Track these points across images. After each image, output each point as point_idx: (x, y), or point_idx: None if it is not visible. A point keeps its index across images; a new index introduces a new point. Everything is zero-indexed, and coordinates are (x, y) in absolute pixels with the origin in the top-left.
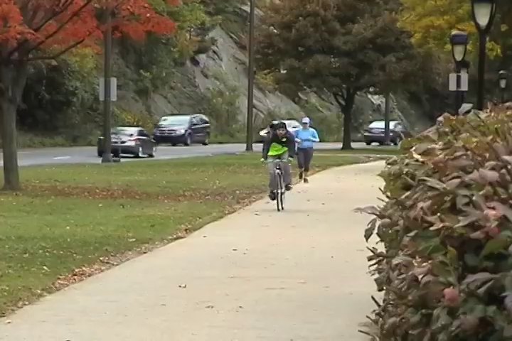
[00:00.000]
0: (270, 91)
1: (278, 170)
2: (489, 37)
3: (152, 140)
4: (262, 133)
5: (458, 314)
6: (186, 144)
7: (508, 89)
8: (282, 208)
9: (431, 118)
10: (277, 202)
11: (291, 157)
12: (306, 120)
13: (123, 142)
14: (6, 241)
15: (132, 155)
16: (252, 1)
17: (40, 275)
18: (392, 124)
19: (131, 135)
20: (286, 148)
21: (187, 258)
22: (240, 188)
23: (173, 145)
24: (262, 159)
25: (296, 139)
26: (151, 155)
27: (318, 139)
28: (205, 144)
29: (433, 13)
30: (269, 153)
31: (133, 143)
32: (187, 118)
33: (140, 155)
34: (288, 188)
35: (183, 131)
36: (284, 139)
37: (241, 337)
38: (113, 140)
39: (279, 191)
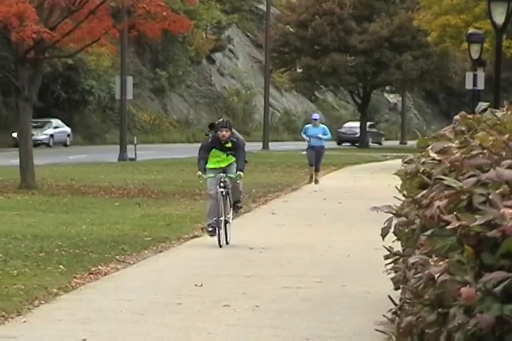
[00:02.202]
0: (286, 89)
1: (222, 190)
2: (506, 35)
3: (380, 132)
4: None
5: (474, 313)
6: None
7: None
8: (227, 242)
9: (447, 116)
10: (218, 234)
11: (241, 170)
12: (316, 116)
13: (353, 133)
14: (22, 240)
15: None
16: None
17: (56, 274)
18: (367, 125)
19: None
20: (232, 158)
21: (203, 257)
22: (255, 187)
23: (352, 145)
24: (199, 173)
25: (304, 136)
26: (379, 144)
27: (329, 136)
28: (380, 144)
29: (449, 12)
30: (209, 165)
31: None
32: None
33: (370, 143)
34: (237, 208)
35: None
36: (229, 144)
37: (257, 335)
38: (346, 131)
39: (223, 218)
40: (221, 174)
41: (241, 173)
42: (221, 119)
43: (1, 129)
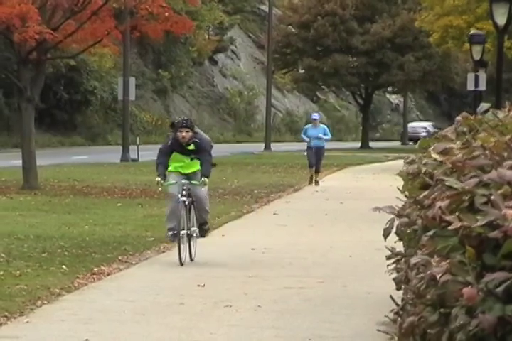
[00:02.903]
0: (288, 90)
1: (184, 199)
2: (507, 36)
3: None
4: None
5: (476, 313)
6: None
7: None
8: (191, 259)
9: (449, 117)
10: (179, 250)
11: (206, 176)
12: (316, 116)
13: (418, 133)
14: (24, 240)
15: None
16: (271, 0)
17: (58, 274)
18: (430, 125)
19: (425, 128)
20: (197, 162)
21: (205, 258)
22: (258, 188)
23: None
24: (158, 179)
25: (303, 137)
26: None
27: (330, 136)
28: None
29: (451, 13)
30: (171, 169)
31: (426, 134)
32: (426, 124)
33: None
34: (203, 232)
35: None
36: (192, 147)
37: (259, 336)
38: (411, 131)
39: (186, 232)
40: (184, 181)
41: (206, 180)
42: (181, 118)
43: (3, 130)
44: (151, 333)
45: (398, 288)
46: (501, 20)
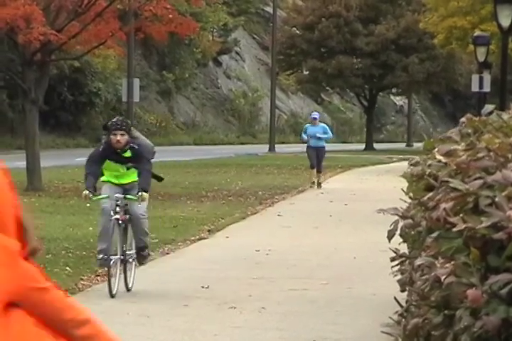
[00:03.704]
0: (293, 92)
1: (118, 216)
2: None
3: None
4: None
5: (481, 315)
6: None
7: None
8: (128, 289)
9: (453, 119)
10: (109, 279)
11: (145, 190)
12: (316, 114)
13: None
14: None
15: None
16: (275, 2)
17: (63, 276)
18: None
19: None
20: (135, 172)
21: (210, 259)
22: (262, 189)
23: None
24: (86, 192)
25: (303, 136)
26: None
27: (330, 135)
28: None
29: (456, 14)
30: (104, 179)
31: None
32: None
33: None
34: (142, 258)
35: None
36: (128, 153)
37: (263, 337)
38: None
39: (120, 257)
40: (118, 195)
41: (144, 194)
42: (115, 119)
43: (7, 132)
44: (156, 335)
45: (402, 290)
46: (506, 21)
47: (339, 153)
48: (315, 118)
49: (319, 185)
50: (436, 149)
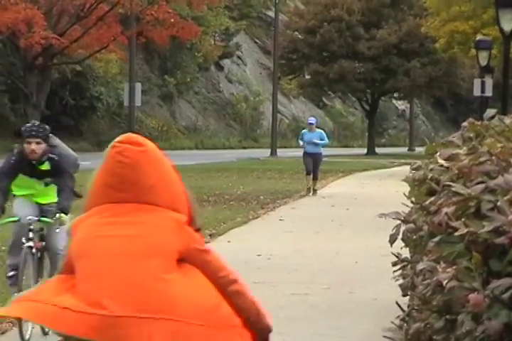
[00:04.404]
0: (294, 96)
1: (31, 244)
2: None
3: None
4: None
5: (482, 319)
6: None
7: None
8: (45, 333)
9: (455, 123)
10: (20, 324)
11: (64, 211)
12: (312, 120)
13: None
14: None
15: None
16: (277, 6)
17: None
18: None
19: None
20: (53, 188)
21: None
22: (264, 193)
23: None
24: None
25: (300, 142)
26: None
27: (327, 141)
28: None
29: (458, 19)
30: (18, 193)
31: None
32: None
33: None
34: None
35: None
36: (46, 166)
37: None
38: None
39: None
40: (30, 217)
41: (63, 216)
42: (30, 123)
43: (9, 136)
44: None
45: (404, 294)
46: (508, 26)
47: (341, 157)
48: (312, 124)
49: (315, 191)
50: (438, 153)
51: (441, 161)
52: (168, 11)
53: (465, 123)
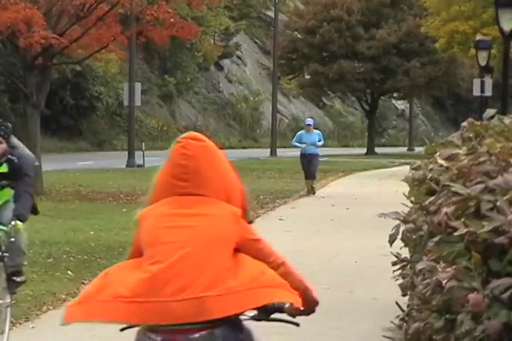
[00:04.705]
0: (294, 96)
1: None
2: None
3: None
4: None
5: (482, 319)
6: None
7: None
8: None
9: (455, 123)
10: None
11: (20, 218)
12: (310, 121)
13: None
14: (30, 245)
15: None
16: (276, 6)
17: (64, 280)
18: None
19: None
20: (10, 193)
21: None
22: (263, 193)
23: None
24: None
25: (296, 144)
26: None
27: (323, 142)
28: None
29: (457, 18)
30: None
31: None
32: None
33: None
34: (13, 285)
35: None
36: (3, 168)
37: None
38: None
39: None
40: None
41: (19, 224)
42: None
43: None
44: None
45: (404, 294)
46: (507, 25)
47: (340, 157)
48: (309, 125)
49: (313, 189)
50: (437, 153)
51: (440, 161)
52: (168, 10)
53: (464, 123)
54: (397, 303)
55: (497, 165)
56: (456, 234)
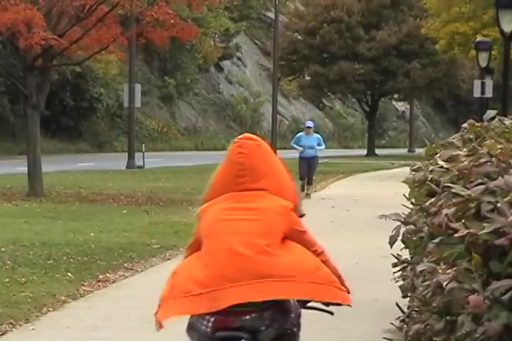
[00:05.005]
0: (294, 97)
1: None
2: None
3: None
4: None
5: (482, 321)
6: None
7: None
8: None
9: (455, 124)
10: None
11: None
12: (310, 124)
13: None
14: (30, 247)
15: None
16: (277, 7)
17: (64, 281)
18: None
19: None
20: None
21: None
22: None
23: None
24: None
25: (294, 145)
26: None
27: (324, 147)
28: None
29: (458, 20)
30: None
31: None
32: None
33: None
34: None
35: None
36: None
37: None
38: None
39: None
40: None
41: None
42: None
43: (9, 137)
44: (158, 340)
45: (404, 296)
46: (508, 27)
47: (341, 158)
48: (309, 127)
49: (308, 195)
50: (438, 155)
51: (441, 162)
52: (168, 12)
53: (465, 125)
54: (397, 305)
55: (497, 166)
56: (456, 235)
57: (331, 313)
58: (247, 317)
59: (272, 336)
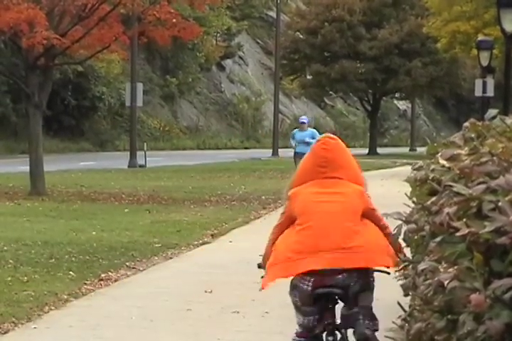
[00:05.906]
0: (296, 96)
1: None
2: None
3: None
4: None
5: (484, 319)
6: None
7: None
8: None
9: (457, 123)
10: None
11: None
12: (304, 119)
13: None
14: (32, 246)
15: None
16: (278, 6)
17: (66, 280)
18: None
19: None
20: None
21: (213, 264)
22: (265, 193)
23: None
24: None
25: (292, 143)
26: None
27: (315, 140)
28: None
29: (459, 19)
30: None
31: None
32: None
33: None
34: None
35: None
36: None
37: None
38: None
39: None
40: None
41: None
42: None
43: (11, 136)
44: (159, 339)
45: (406, 295)
46: (509, 26)
47: None
48: (303, 123)
49: None
50: (439, 154)
51: (442, 161)
52: (170, 11)
53: (466, 124)
54: (399, 303)
55: (499, 165)
56: (458, 234)
57: (388, 273)
58: (340, 276)
59: (357, 290)
